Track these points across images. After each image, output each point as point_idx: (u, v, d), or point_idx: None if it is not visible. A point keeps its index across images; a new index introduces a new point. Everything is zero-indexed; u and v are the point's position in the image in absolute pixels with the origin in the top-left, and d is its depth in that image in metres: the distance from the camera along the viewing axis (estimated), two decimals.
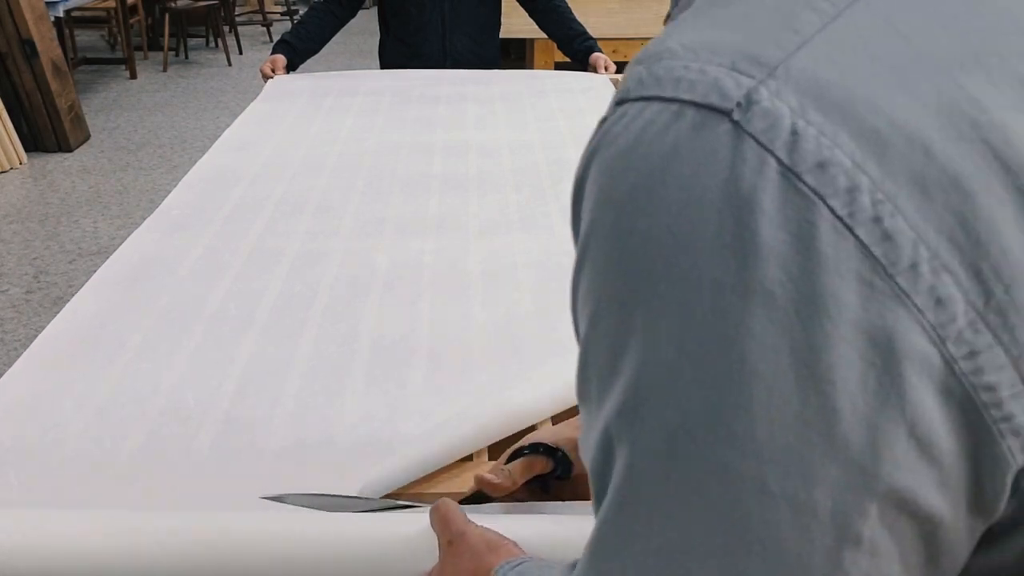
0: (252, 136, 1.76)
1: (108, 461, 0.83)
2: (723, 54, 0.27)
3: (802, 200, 0.25)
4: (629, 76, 0.30)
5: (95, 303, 1.11)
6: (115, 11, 5.45)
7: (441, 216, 1.37)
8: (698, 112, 0.27)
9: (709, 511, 0.26)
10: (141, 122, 4.56)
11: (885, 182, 0.25)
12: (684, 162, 0.27)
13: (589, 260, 0.30)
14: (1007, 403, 0.26)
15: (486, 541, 0.58)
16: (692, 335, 0.26)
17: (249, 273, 1.18)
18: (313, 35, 2.26)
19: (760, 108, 0.26)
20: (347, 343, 1.03)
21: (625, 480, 0.28)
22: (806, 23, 0.27)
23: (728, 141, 0.26)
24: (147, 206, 3.42)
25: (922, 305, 0.25)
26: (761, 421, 0.25)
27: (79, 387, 0.94)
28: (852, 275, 0.25)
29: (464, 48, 2.24)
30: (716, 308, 0.26)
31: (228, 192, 1.46)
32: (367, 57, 2.95)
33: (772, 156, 0.26)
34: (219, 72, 5.60)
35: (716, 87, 0.27)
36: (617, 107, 0.30)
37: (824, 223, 0.25)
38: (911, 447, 0.25)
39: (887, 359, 0.25)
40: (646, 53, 0.30)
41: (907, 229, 0.25)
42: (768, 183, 0.25)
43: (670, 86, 0.28)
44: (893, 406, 0.25)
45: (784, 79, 0.26)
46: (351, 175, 1.54)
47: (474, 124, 1.81)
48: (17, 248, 3.09)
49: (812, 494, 0.25)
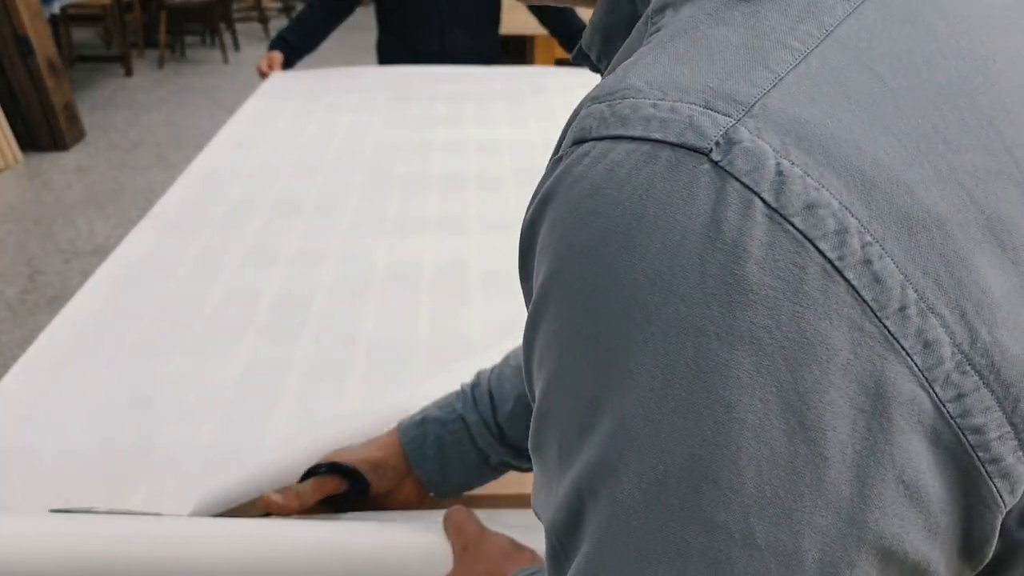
0: (249, 134, 1.75)
1: (109, 461, 0.83)
2: (694, 92, 0.26)
3: (791, 243, 0.24)
4: (588, 114, 0.28)
5: (94, 303, 1.10)
6: (111, 8, 5.43)
7: (440, 215, 1.36)
8: (673, 152, 0.25)
9: (693, 567, 0.25)
10: (137, 120, 4.55)
11: (873, 223, 0.24)
12: (661, 204, 0.25)
13: (551, 311, 0.28)
14: (994, 445, 0.25)
15: (501, 548, 0.58)
16: (674, 386, 0.25)
17: (247, 273, 1.18)
18: (310, 32, 2.24)
19: (742, 148, 0.25)
20: (346, 343, 1.02)
21: (604, 538, 0.27)
22: (779, 61, 0.26)
23: (708, 182, 0.25)
24: (143, 205, 3.40)
25: (910, 348, 0.24)
26: (748, 472, 0.24)
27: (79, 387, 0.94)
28: (842, 319, 0.24)
29: (463, 45, 2.22)
30: (700, 357, 0.24)
31: (225, 191, 1.45)
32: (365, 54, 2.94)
33: (758, 198, 0.24)
34: (216, 69, 5.59)
35: (692, 126, 0.25)
36: (575, 147, 0.28)
37: (813, 266, 0.24)
38: (899, 493, 0.25)
39: (876, 404, 0.24)
40: (604, 90, 0.28)
41: (896, 271, 0.24)
42: (755, 226, 0.24)
43: (639, 125, 0.26)
44: (882, 451, 0.24)
45: (763, 118, 0.25)
46: (349, 173, 1.53)
47: (474, 122, 1.80)
48: (12, 248, 3.08)
49: (800, 544, 0.24)
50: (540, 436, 0.30)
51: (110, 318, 1.06)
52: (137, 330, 1.04)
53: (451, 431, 0.72)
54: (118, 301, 1.10)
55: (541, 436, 0.30)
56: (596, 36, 0.38)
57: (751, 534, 0.24)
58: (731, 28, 0.28)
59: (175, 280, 1.15)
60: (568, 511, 0.28)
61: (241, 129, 1.78)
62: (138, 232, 1.30)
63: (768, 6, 0.28)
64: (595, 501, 0.27)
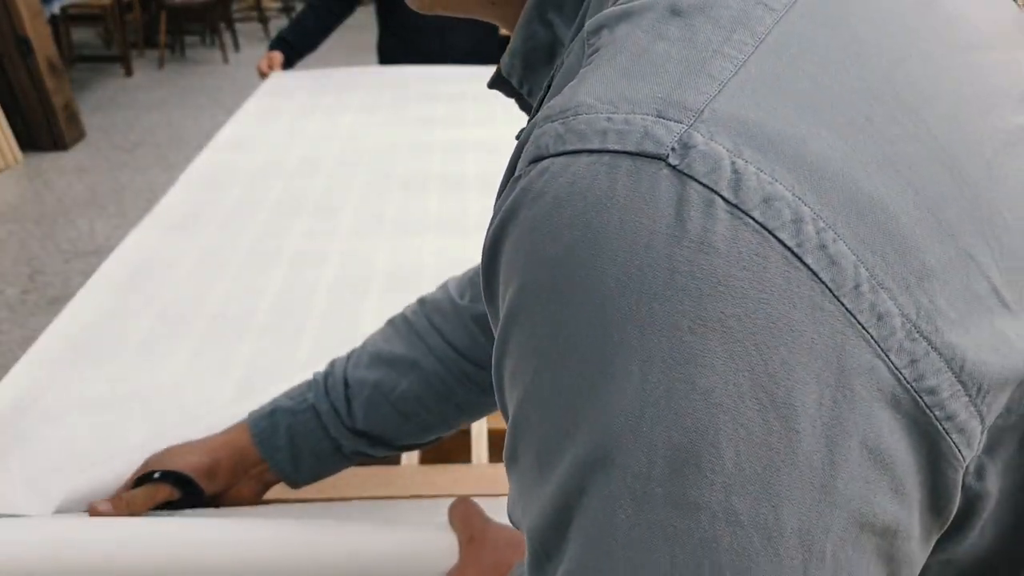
0: (249, 134, 1.75)
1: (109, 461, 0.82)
2: (643, 104, 0.28)
3: (752, 235, 0.26)
4: (543, 133, 0.29)
5: (94, 304, 1.10)
6: (111, 8, 5.44)
7: (441, 215, 1.36)
8: (633, 161, 0.27)
9: (681, 550, 0.26)
10: (137, 120, 4.55)
11: (824, 210, 0.26)
12: (625, 210, 0.27)
13: (522, 324, 0.29)
14: (948, 404, 0.27)
15: (507, 538, 0.58)
16: (652, 380, 0.26)
17: (248, 273, 1.18)
18: (311, 32, 2.25)
19: (698, 151, 0.26)
20: (346, 343, 1.02)
21: (591, 534, 0.28)
22: (719, 68, 0.28)
23: (669, 186, 0.26)
24: (144, 205, 3.40)
25: (865, 322, 0.26)
26: (728, 453, 0.26)
27: (79, 387, 0.93)
28: (804, 301, 0.26)
29: (463, 45, 2.22)
30: (675, 350, 0.26)
31: (226, 191, 1.45)
32: (365, 54, 2.94)
33: (719, 196, 0.26)
34: (216, 70, 5.59)
35: (648, 135, 0.27)
36: (533, 165, 0.29)
37: (775, 255, 0.26)
38: (864, 458, 0.26)
39: (839, 377, 0.26)
40: (555, 109, 0.29)
41: (848, 252, 0.26)
42: (717, 223, 0.26)
43: (596, 138, 0.28)
44: (846, 420, 0.26)
45: (712, 122, 0.27)
46: (350, 174, 1.53)
47: (474, 122, 1.80)
48: (12, 248, 3.08)
49: (780, 517, 0.26)
50: (516, 447, 0.31)
51: (110, 318, 1.06)
52: (138, 331, 1.04)
53: (302, 420, 0.71)
54: (118, 301, 1.10)
55: (517, 447, 0.31)
56: (516, 62, 0.41)
57: (734, 512, 0.26)
58: (669, 42, 0.29)
59: (175, 280, 1.15)
60: (553, 513, 0.29)
61: (241, 129, 1.78)
62: (138, 232, 1.30)
63: (700, 20, 0.30)
64: (580, 499, 0.28)
